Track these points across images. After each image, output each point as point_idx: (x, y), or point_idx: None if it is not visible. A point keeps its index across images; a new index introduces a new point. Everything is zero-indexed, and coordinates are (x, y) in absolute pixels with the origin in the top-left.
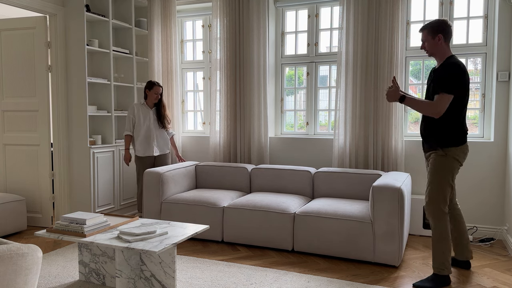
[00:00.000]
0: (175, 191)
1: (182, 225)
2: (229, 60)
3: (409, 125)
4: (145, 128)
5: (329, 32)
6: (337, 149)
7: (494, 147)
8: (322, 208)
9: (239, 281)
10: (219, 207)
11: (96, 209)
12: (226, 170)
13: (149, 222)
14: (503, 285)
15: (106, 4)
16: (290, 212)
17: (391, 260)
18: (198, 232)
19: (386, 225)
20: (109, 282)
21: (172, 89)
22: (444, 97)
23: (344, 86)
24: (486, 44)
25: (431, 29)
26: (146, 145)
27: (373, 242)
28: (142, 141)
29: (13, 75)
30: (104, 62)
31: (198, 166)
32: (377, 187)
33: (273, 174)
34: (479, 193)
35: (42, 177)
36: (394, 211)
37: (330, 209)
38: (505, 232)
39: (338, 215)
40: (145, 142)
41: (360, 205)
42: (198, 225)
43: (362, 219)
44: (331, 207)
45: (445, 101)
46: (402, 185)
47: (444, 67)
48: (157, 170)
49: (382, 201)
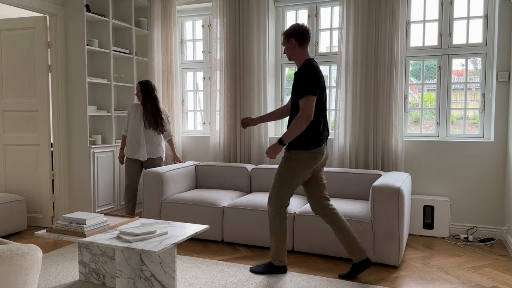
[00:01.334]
0: (175, 191)
1: (182, 225)
2: (229, 60)
3: (409, 125)
4: (133, 129)
5: (329, 32)
6: (337, 149)
7: (494, 147)
8: None
9: (239, 281)
10: (219, 207)
11: (96, 209)
12: (226, 170)
13: (149, 222)
14: (503, 285)
15: (106, 4)
16: (290, 212)
17: (391, 260)
18: (198, 232)
19: (386, 225)
20: (109, 282)
21: (172, 89)
22: (308, 99)
23: (344, 86)
24: (486, 44)
25: (285, 34)
26: (132, 147)
27: (373, 242)
28: (129, 142)
29: (13, 75)
30: (104, 62)
31: (198, 166)
32: (377, 187)
33: (273, 174)
34: (479, 193)
35: (42, 177)
36: (394, 211)
37: None
38: (505, 232)
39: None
40: (132, 144)
41: (360, 205)
42: (198, 225)
43: (362, 219)
44: None
45: (310, 102)
46: (402, 185)
47: (300, 71)
48: (157, 170)
49: (382, 201)
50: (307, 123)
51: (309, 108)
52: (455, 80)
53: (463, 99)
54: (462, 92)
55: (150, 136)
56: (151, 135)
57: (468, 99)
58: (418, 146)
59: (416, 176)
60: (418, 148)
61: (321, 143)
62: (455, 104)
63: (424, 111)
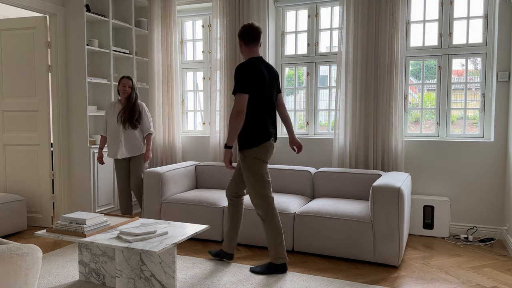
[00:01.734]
0: (175, 191)
1: (182, 225)
2: (229, 60)
3: (409, 125)
4: (112, 128)
5: (329, 32)
6: (337, 149)
7: (494, 147)
8: (322, 208)
9: (239, 281)
10: (219, 207)
11: (96, 209)
12: (226, 170)
13: (149, 222)
14: (503, 285)
15: (106, 4)
16: (290, 212)
17: (391, 260)
18: (198, 232)
19: (386, 225)
20: (109, 282)
21: (172, 89)
22: (239, 97)
23: (344, 86)
24: (486, 44)
25: (238, 35)
26: (112, 147)
27: (373, 242)
28: (109, 142)
29: (13, 75)
30: (104, 62)
31: (198, 166)
32: (377, 187)
33: (273, 174)
34: (479, 193)
35: (42, 177)
36: (394, 211)
37: (330, 209)
38: (505, 232)
39: (338, 215)
40: (111, 143)
41: (360, 205)
42: (198, 225)
43: (362, 219)
44: (331, 207)
45: (240, 100)
46: (402, 185)
47: (236, 69)
48: (157, 170)
49: (382, 201)
50: (240, 120)
51: (239, 106)
52: (455, 80)
53: (463, 99)
54: (462, 92)
55: (129, 133)
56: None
57: (468, 99)
58: (418, 146)
59: (416, 176)
60: (418, 148)
61: (269, 137)
62: (455, 104)
63: (424, 111)
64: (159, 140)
